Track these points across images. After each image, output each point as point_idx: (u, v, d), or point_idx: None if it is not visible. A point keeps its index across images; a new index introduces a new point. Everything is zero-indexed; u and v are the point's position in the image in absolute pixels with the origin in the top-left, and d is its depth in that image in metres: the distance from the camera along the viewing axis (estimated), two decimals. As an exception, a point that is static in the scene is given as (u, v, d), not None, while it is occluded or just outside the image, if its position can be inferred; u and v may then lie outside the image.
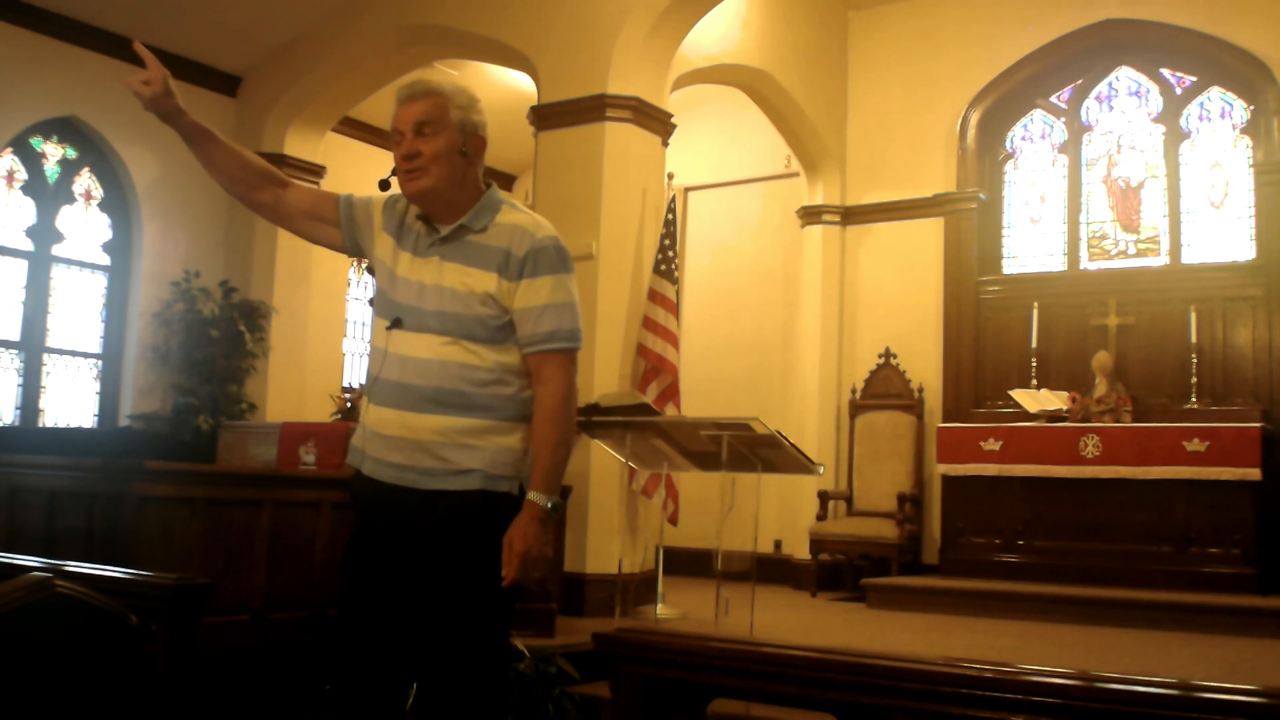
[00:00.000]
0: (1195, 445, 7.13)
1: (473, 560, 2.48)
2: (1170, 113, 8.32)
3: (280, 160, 8.68)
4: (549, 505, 2.48)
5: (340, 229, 2.73)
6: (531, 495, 2.49)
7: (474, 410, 2.51)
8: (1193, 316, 7.73)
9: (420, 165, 2.54)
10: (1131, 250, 8.39)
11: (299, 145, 8.80)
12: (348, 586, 2.61)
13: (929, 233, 8.80)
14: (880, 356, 8.76)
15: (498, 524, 2.48)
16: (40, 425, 7.89)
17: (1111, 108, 8.61)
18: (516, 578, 2.43)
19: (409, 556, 2.52)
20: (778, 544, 8.97)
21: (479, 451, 2.51)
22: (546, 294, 2.55)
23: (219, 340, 8.20)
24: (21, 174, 7.93)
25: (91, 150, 8.23)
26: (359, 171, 9.50)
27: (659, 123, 7.13)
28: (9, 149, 7.78)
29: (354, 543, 2.64)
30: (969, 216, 8.70)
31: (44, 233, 8.02)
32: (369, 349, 2.74)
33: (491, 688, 2.52)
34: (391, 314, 2.59)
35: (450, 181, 2.56)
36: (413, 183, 2.55)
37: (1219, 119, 8.17)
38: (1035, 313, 8.29)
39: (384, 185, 2.67)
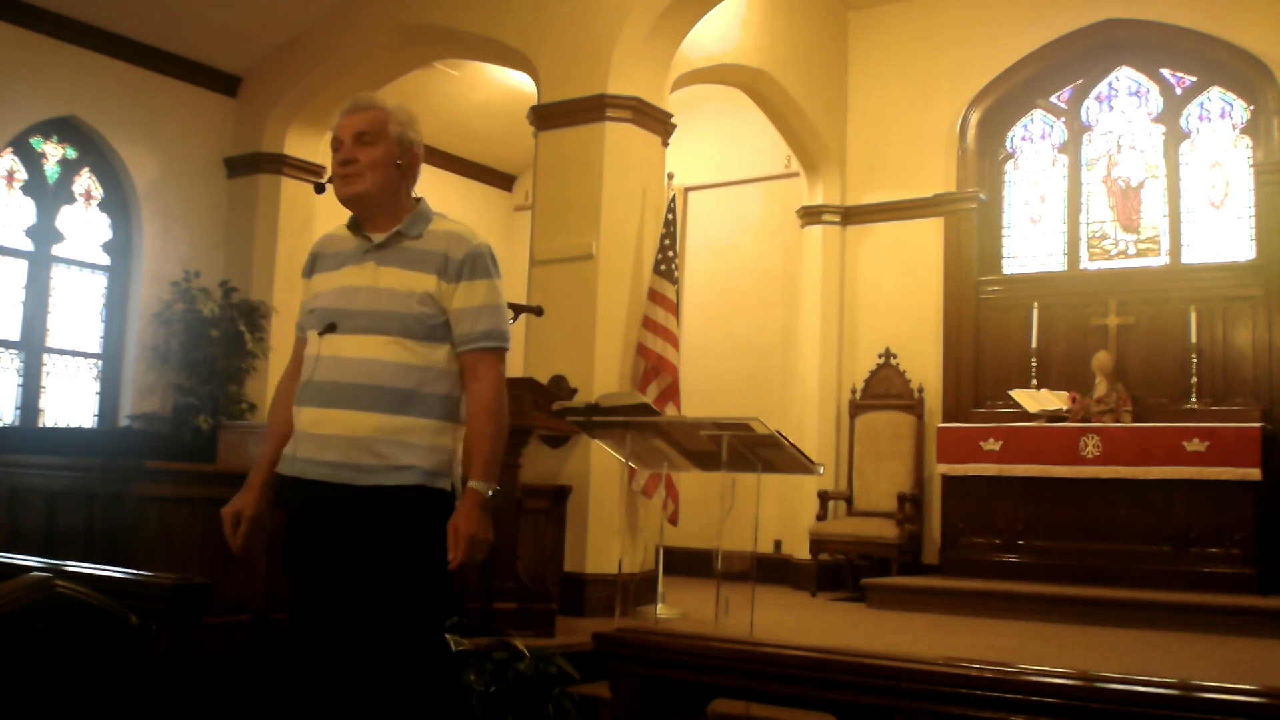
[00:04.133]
0: (1195, 445, 7.13)
1: (413, 555, 2.56)
2: (1170, 113, 8.32)
3: (280, 160, 8.70)
4: (489, 493, 2.58)
5: None
6: (473, 483, 2.58)
7: (411, 409, 2.60)
8: (1193, 316, 7.73)
9: (356, 171, 2.68)
10: (1131, 250, 8.39)
11: (299, 145, 8.80)
12: (295, 590, 2.68)
13: (929, 233, 8.80)
14: (880, 356, 8.76)
15: (435, 518, 2.56)
16: (40, 425, 7.89)
17: (1111, 108, 8.60)
18: (464, 559, 2.52)
19: (348, 553, 2.58)
20: (778, 544, 8.97)
21: (416, 450, 2.59)
22: (483, 296, 2.67)
23: (219, 340, 8.19)
24: (21, 174, 7.93)
25: (91, 150, 8.23)
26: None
27: (659, 123, 7.13)
28: (9, 149, 7.78)
29: (290, 547, 2.69)
30: (969, 216, 8.69)
31: (44, 233, 8.02)
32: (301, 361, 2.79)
33: (438, 673, 2.59)
34: (323, 321, 2.68)
35: (384, 189, 2.69)
36: (347, 186, 2.69)
37: (1219, 119, 8.16)
38: (1035, 313, 8.28)
39: (319, 189, 2.87)
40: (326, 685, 2.58)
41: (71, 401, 8.14)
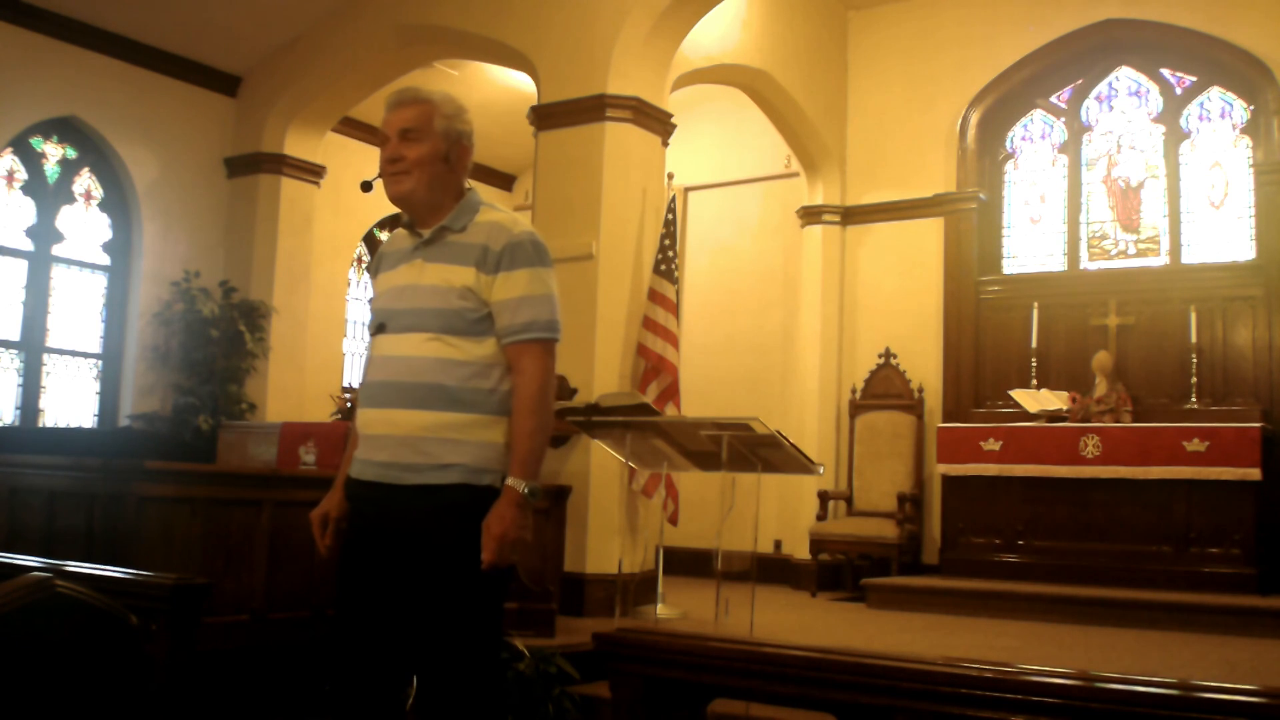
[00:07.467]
0: (1195, 445, 7.13)
1: (459, 554, 2.51)
2: (1170, 113, 8.32)
3: (280, 160, 8.70)
4: (526, 490, 2.53)
5: None
6: (510, 480, 2.53)
7: (456, 405, 2.57)
8: (1193, 316, 7.73)
9: (402, 169, 2.65)
10: (1131, 250, 8.39)
11: (299, 145, 8.80)
12: (342, 587, 2.66)
13: (929, 233, 8.80)
14: (880, 356, 8.76)
15: (482, 518, 2.51)
16: (40, 425, 7.89)
17: (1111, 108, 8.60)
18: (495, 560, 2.48)
19: (397, 553, 2.56)
20: (778, 544, 8.97)
21: (463, 446, 2.56)
22: (523, 286, 2.62)
23: (219, 340, 8.20)
24: (21, 174, 7.93)
25: (91, 150, 8.23)
26: (358, 172, 9.49)
27: (659, 123, 7.13)
28: (9, 149, 7.78)
29: (347, 545, 2.69)
30: (969, 216, 8.69)
31: (44, 233, 8.01)
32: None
33: (485, 680, 2.54)
34: (376, 322, 2.70)
35: (430, 185, 2.66)
36: (394, 185, 2.67)
37: (1219, 119, 8.16)
38: (1035, 313, 8.28)
39: (366, 187, 2.80)
40: (367, 689, 2.55)
41: (71, 401, 8.14)
